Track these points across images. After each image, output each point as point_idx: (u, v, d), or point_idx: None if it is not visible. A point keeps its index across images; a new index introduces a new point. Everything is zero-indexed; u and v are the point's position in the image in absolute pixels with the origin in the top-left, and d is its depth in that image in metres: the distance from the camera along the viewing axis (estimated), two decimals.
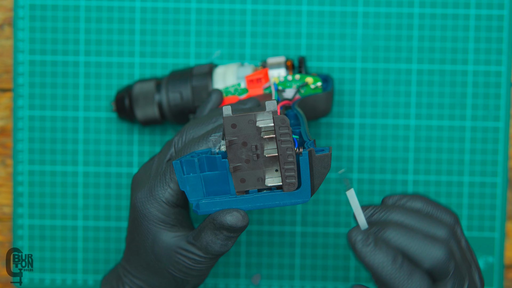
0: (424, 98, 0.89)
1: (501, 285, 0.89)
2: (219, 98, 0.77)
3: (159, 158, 0.71)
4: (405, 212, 0.63)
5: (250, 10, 0.88)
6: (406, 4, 0.88)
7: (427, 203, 0.64)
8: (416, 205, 0.64)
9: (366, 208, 0.64)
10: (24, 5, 0.88)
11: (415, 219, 0.62)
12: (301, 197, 0.61)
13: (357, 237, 0.61)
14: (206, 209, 0.63)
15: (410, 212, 0.63)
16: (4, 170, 0.90)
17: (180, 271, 0.68)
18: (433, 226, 0.62)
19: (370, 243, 0.60)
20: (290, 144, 0.58)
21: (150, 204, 0.68)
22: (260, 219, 0.90)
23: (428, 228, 0.62)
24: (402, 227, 0.61)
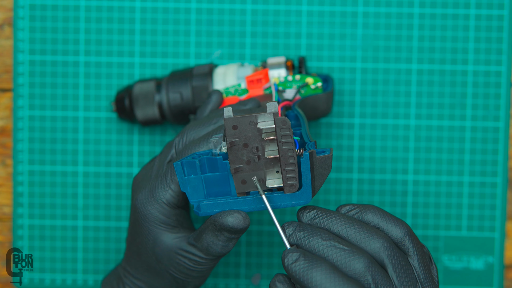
0: (424, 98, 0.89)
1: (501, 285, 0.90)
2: (219, 99, 0.77)
3: (160, 159, 0.71)
4: (345, 221, 0.61)
5: (250, 10, 0.88)
6: (406, 4, 0.88)
7: (377, 214, 0.62)
8: (366, 216, 0.62)
9: (290, 224, 0.61)
10: (24, 5, 0.88)
11: (352, 230, 0.60)
12: (302, 199, 0.61)
13: (288, 259, 0.59)
14: (207, 211, 0.63)
15: (351, 223, 0.61)
16: (4, 170, 0.90)
17: (181, 272, 0.68)
18: (367, 239, 0.60)
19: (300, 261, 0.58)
20: (291, 145, 0.58)
21: (151, 205, 0.68)
22: (260, 219, 0.90)
23: (362, 240, 0.60)
24: (330, 236, 0.60)
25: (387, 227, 0.62)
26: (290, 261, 0.58)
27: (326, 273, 0.57)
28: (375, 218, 0.62)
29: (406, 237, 0.61)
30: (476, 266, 0.90)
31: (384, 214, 0.62)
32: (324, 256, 0.59)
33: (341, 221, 0.61)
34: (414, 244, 0.61)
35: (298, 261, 0.58)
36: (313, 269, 0.57)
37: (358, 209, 0.63)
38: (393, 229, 0.62)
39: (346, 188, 0.89)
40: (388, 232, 0.61)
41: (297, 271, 0.57)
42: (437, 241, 0.89)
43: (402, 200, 0.89)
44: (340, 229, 0.60)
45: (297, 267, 0.57)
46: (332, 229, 0.61)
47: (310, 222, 0.62)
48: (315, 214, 0.62)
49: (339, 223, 0.61)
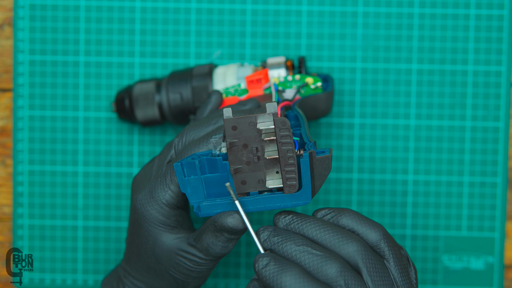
0: (424, 98, 0.89)
1: (501, 285, 0.90)
2: (219, 99, 0.77)
3: (160, 159, 0.71)
4: (320, 226, 0.61)
5: (250, 10, 0.88)
6: (406, 4, 0.88)
7: (353, 218, 0.62)
8: (342, 219, 0.62)
9: (265, 229, 0.62)
10: (24, 5, 0.88)
11: (326, 234, 0.60)
12: (301, 199, 0.61)
13: (259, 264, 0.59)
14: (207, 211, 0.63)
15: (326, 227, 0.61)
16: (4, 170, 0.90)
17: (181, 272, 0.68)
18: (342, 243, 0.60)
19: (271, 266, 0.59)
20: (291, 146, 0.58)
21: (150, 206, 0.68)
22: (260, 219, 0.90)
23: (336, 244, 0.60)
24: (304, 242, 0.60)
25: (362, 230, 0.61)
26: (261, 265, 0.58)
27: (296, 278, 0.57)
28: (350, 222, 0.62)
29: (381, 240, 0.61)
30: (476, 266, 0.90)
31: (359, 217, 0.62)
32: (297, 261, 0.58)
33: (316, 226, 0.61)
34: (390, 247, 0.61)
35: (268, 265, 0.58)
36: (283, 274, 0.57)
37: (334, 213, 0.63)
38: (368, 232, 0.61)
39: (346, 188, 0.89)
40: (364, 236, 0.61)
41: (267, 276, 0.57)
42: (437, 241, 0.89)
43: (402, 200, 0.89)
44: (315, 233, 0.60)
45: (268, 271, 0.58)
46: (307, 234, 0.61)
47: (286, 227, 0.62)
48: (291, 219, 0.62)
49: (314, 228, 0.61)
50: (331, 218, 0.62)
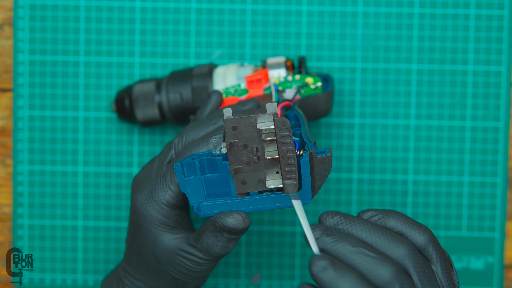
0: (424, 98, 0.89)
1: (501, 285, 0.90)
2: (219, 99, 0.77)
3: (159, 160, 0.71)
4: (369, 228, 0.60)
5: (250, 10, 0.88)
6: (406, 4, 0.88)
7: (400, 220, 0.61)
8: (389, 222, 0.61)
9: (316, 227, 0.61)
10: (24, 5, 0.88)
11: (376, 236, 0.60)
12: (301, 199, 0.61)
13: (317, 267, 0.57)
14: (207, 211, 0.63)
15: (375, 229, 0.60)
16: (4, 170, 0.90)
17: (181, 273, 0.68)
18: (392, 246, 0.59)
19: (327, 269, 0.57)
20: (291, 146, 0.58)
21: (150, 206, 0.68)
22: (260, 219, 0.90)
23: (387, 247, 0.59)
24: (359, 243, 0.59)
25: (410, 233, 0.61)
26: (319, 268, 0.57)
27: (353, 284, 0.56)
28: (398, 224, 0.61)
29: (429, 243, 0.61)
30: (476, 266, 0.90)
31: (407, 220, 0.62)
32: (352, 263, 0.58)
33: (365, 228, 0.60)
34: (437, 251, 0.61)
35: (327, 269, 0.57)
36: (341, 279, 0.56)
37: (381, 215, 0.62)
38: (416, 235, 0.61)
39: (346, 188, 0.89)
40: (412, 239, 0.61)
41: (326, 281, 0.56)
42: None
43: (402, 200, 0.89)
44: (364, 235, 0.60)
45: (326, 276, 0.56)
46: (356, 235, 0.60)
47: (334, 228, 0.61)
48: (339, 220, 0.61)
49: (363, 230, 0.60)
50: (378, 220, 0.62)
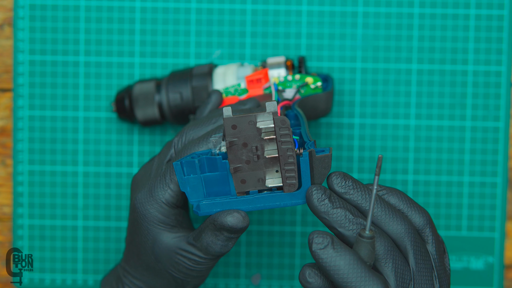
0: (424, 98, 0.89)
1: (501, 285, 0.90)
2: (218, 99, 0.77)
3: (159, 159, 0.71)
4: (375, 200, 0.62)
5: (250, 10, 0.88)
6: (406, 4, 0.88)
7: (402, 199, 0.63)
8: (391, 199, 0.63)
9: (322, 190, 0.62)
10: (24, 5, 0.88)
11: (380, 210, 0.61)
12: (301, 198, 0.61)
13: (314, 194, 0.60)
14: (207, 210, 0.63)
15: (379, 202, 0.62)
16: (4, 170, 0.90)
17: (180, 271, 0.68)
18: (392, 221, 0.61)
19: (325, 199, 0.60)
20: (291, 145, 0.58)
21: (150, 205, 0.68)
22: (260, 219, 0.90)
23: (387, 221, 0.61)
24: (359, 213, 0.61)
25: (410, 213, 0.63)
26: (319, 246, 0.58)
27: (351, 264, 0.58)
28: (399, 203, 0.63)
29: (427, 225, 0.62)
30: (476, 266, 0.90)
31: (408, 199, 0.63)
32: (347, 234, 0.60)
33: (369, 199, 0.62)
34: (434, 233, 0.63)
35: (326, 248, 0.58)
36: (339, 258, 0.58)
37: (384, 191, 0.64)
38: (416, 216, 0.63)
39: None
40: (411, 218, 0.63)
41: (325, 259, 0.58)
42: None
43: None
44: (366, 205, 0.62)
45: (325, 254, 0.58)
46: (359, 205, 0.62)
47: (342, 191, 0.62)
48: (349, 187, 0.62)
49: (367, 201, 0.62)
50: (382, 195, 0.63)
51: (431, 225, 0.63)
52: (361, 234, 0.58)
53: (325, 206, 0.60)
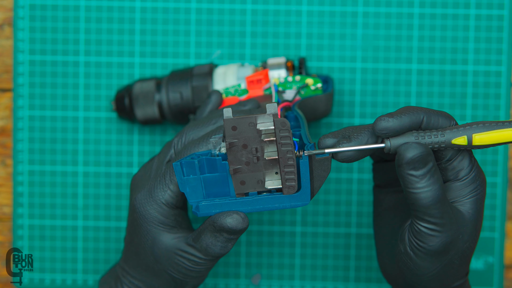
0: (424, 98, 0.89)
1: (501, 285, 0.90)
2: (218, 99, 0.77)
3: (159, 159, 0.71)
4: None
5: (250, 10, 0.88)
6: (406, 4, 0.88)
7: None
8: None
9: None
10: (24, 5, 0.88)
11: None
12: (300, 200, 0.61)
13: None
14: (206, 211, 0.63)
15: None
16: (4, 170, 0.90)
17: (180, 272, 0.68)
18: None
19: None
20: (291, 147, 0.58)
21: (149, 206, 0.68)
22: (260, 219, 0.90)
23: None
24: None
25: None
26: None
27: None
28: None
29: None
30: (476, 266, 0.90)
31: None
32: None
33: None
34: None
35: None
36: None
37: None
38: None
39: (346, 188, 0.89)
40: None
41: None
42: None
43: None
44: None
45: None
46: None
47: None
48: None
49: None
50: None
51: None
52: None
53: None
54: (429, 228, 0.63)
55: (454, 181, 0.65)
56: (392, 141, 0.62)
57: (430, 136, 0.62)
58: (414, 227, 0.64)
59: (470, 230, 0.65)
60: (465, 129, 0.62)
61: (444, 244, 0.64)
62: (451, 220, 0.63)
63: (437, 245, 0.64)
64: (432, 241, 0.64)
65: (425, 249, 0.64)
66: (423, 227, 0.63)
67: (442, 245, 0.64)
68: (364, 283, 0.90)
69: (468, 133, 0.62)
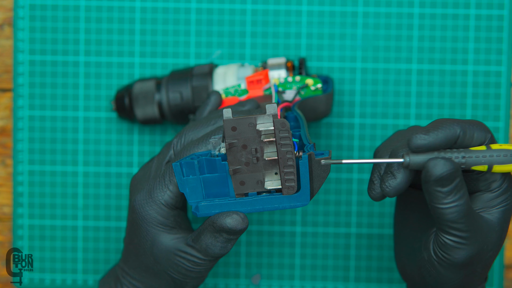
0: (424, 98, 0.89)
1: (501, 285, 0.90)
2: (218, 100, 0.77)
3: (158, 159, 0.71)
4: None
5: (250, 10, 0.88)
6: (406, 4, 0.88)
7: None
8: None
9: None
10: (24, 5, 0.88)
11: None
12: (300, 201, 0.61)
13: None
14: (206, 211, 0.63)
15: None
16: (4, 170, 0.90)
17: (179, 273, 0.68)
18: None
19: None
20: (290, 147, 0.59)
21: (149, 207, 0.68)
22: (260, 219, 0.90)
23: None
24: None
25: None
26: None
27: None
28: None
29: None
30: None
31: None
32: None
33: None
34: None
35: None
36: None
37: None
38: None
39: (346, 188, 0.89)
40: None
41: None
42: None
43: None
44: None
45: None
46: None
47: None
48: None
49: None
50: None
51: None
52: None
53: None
54: (455, 241, 0.63)
55: (485, 192, 0.65)
56: (412, 158, 0.62)
57: (451, 157, 0.62)
58: (439, 238, 0.64)
59: (494, 240, 0.65)
60: (487, 158, 0.62)
61: (470, 257, 0.64)
62: (476, 233, 0.63)
63: (462, 258, 0.64)
64: (457, 254, 0.64)
65: (450, 260, 0.64)
66: (449, 240, 0.63)
67: (468, 258, 0.64)
68: (364, 283, 0.90)
69: (490, 162, 0.62)
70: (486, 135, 0.63)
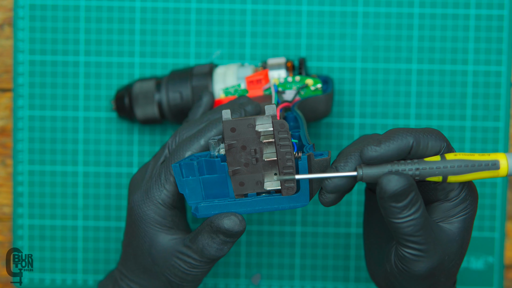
0: (424, 98, 0.89)
1: (501, 285, 0.90)
2: (210, 100, 0.78)
3: (154, 160, 0.71)
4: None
5: (250, 10, 0.88)
6: (406, 4, 0.88)
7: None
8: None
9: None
10: (24, 5, 0.88)
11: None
12: (299, 201, 0.61)
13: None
14: (205, 212, 0.63)
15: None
16: (4, 170, 0.90)
17: (176, 275, 0.68)
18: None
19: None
20: (289, 148, 0.59)
21: (146, 206, 0.68)
22: (260, 219, 0.90)
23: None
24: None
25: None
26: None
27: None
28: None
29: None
30: (476, 266, 0.90)
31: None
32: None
33: None
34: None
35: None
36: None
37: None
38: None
39: None
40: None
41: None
42: None
43: None
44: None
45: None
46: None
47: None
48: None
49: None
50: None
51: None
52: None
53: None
54: (413, 254, 0.63)
55: (444, 202, 0.64)
56: (365, 171, 0.61)
57: (405, 170, 0.61)
58: (399, 251, 0.64)
59: (455, 249, 0.65)
60: (441, 170, 0.61)
61: (430, 268, 0.63)
62: (435, 245, 0.63)
63: (422, 270, 0.63)
64: (416, 266, 0.63)
65: (410, 273, 0.64)
66: (407, 253, 0.63)
67: (428, 270, 0.63)
68: (364, 283, 0.90)
69: (444, 174, 0.61)
70: (442, 144, 0.62)
